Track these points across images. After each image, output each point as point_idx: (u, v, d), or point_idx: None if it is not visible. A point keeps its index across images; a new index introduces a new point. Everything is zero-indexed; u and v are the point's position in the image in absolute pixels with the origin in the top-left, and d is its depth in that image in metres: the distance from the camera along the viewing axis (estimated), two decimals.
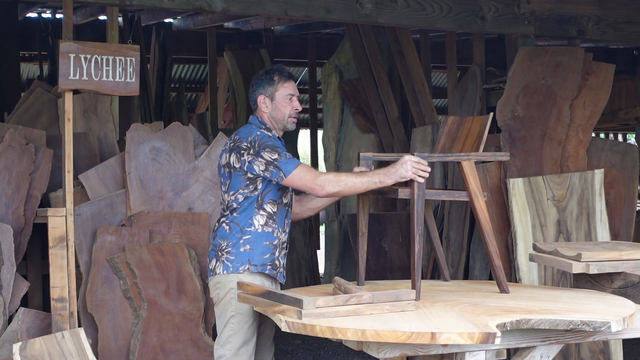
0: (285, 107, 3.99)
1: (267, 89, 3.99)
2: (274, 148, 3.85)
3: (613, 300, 3.72)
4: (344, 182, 3.76)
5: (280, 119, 4.00)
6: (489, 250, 3.84)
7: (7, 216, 5.22)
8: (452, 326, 3.15)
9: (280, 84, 3.99)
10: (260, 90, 4.00)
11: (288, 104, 3.99)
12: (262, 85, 4.00)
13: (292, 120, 4.02)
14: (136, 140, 5.52)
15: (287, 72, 4.06)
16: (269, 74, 4.02)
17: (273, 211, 3.92)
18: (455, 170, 6.78)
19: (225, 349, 3.87)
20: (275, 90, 3.98)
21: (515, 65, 6.00)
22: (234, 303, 3.85)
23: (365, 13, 5.61)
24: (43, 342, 4.62)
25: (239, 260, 3.88)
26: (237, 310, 3.86)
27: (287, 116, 4.00)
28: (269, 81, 4.00)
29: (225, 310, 3.89)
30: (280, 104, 3.99)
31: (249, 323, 3.88)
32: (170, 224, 5.50)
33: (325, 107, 8.83)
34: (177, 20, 9.92)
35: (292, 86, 4.02)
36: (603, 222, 5.97)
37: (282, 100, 3.98)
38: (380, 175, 3.74)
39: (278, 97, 3.98)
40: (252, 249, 3.88)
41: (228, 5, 5.27)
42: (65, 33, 5.03)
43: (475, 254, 6.48)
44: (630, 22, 6.48)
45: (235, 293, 3.82)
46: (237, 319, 3.87)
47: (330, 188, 3.76)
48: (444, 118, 4.23)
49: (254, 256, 3.88)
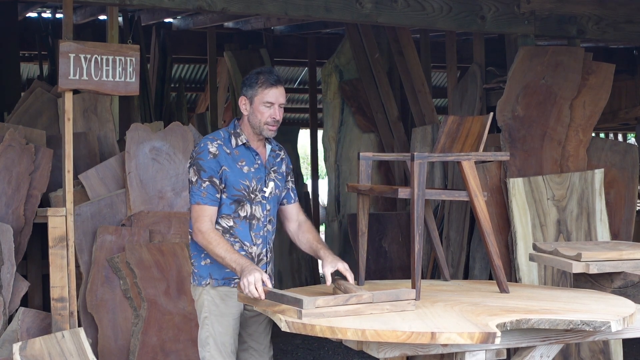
0: (261, 113, 3.85)
1: (249, 92, 3.88)
2: (199, 170, 3.81)
3: (613, 300, 3.72)
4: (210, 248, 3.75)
5: (257, 124, 3.87)
6: (489, 250, 3.84)
7: (7, 216, 5.22)
8: (452, 326, 3.15)
9: (261, 89, 3.84)
10: (243, 91, 3.90)
11: (265, 110, 3.84)
12: (246, 86, 3.90)
13: (269, 128, 3.87)
14: (136, 140, 5.52)
15: (275, 77, 3.88)
16: (257, 76, 3.89)
17: (229, 225, 3.87)
18: (455, 170, 6.78)
19: (205, 351, 3.88)
20: (254, 95, 3.84)
21: (515, 65, 6.00)
22: (206, 304, 3.88)
23: (365, 13, 5.61)
24: (43, 341, 4.62)
25: (201, 273, 3.91)
26: (210, 311, 3.88)
27: (263, 123, 3.85)
28: (252, 84, 3.87)
29: (200, 311, 3.92)
30: (257, 110, 3.85)
31: (224, 325, 3.88)
32: (170, 223, 5.50)
33: (325, 107, 8.83)
34: (177, 20, 9.92)
35: (274, 94, 3.85)
36: (603, 221, 5.97)
37: (259, 106, 3.85)
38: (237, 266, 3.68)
39: (256, 102, 3.84)
40: (212, 262, 3.88)
41: (228, 5, 5.26)
42: (65, 33, 5.03)
43: (475, 254, 6.48)
44: (630, 22, 6.48)
45: (207, 294, 3.87)
46: (210, 320, 3.88)
47: (198, 241, 3.81)
48: (444, 118, 4.23)
49: (214, 270, 3.88)
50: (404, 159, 4.19)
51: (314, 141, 10.91)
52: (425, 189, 3.70)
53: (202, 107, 12.86)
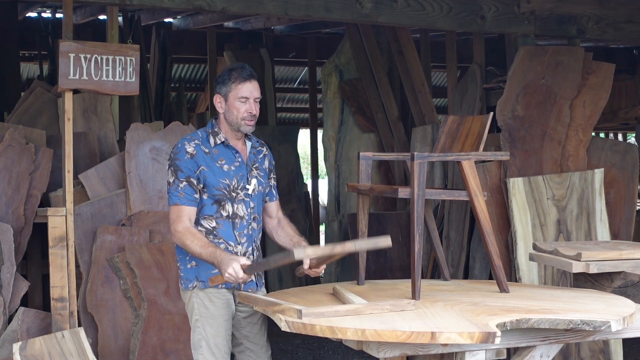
0: (237, 109, 3.83)
1: (222, 89, 3.88)
2: (176, 170, 3.81)
3: (613, 299, 3.72)
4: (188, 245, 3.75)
5: (233, 121, 3.87)
6: (489, 249, 3.84)
7: (7, 216, 5.22)
8: (452, 326, 3.15)
9: (234, 84, 3.84)
10: (217, 89, 3.90)
11: (241, 106, 3.84)
12: (219, 84, 3.90)
13: (247, 123, 3.86)
14: (136, 140, 5.52)
15: (248, 72, 3.87)
16: (229, 73, 3.89)
17: (212, 226, 3.87)
18: (455, 170, 6.78)
19: (198, 354, 3.87)
20: (229, 91, 3.85)
21: (515, 65, 6.00)
22: (195, 307, 3.88)
23: (365, 13, 5.61)
24: (43, 341, 4.62)
25: (187, 276, 3.90)
26: (200, 313, 3.87)
27: (240, 119, 3.85)
28: (225, 81, 3.87)
29: (191, 314, 3.91)
30: (232, 106, 3.84)
31: (214, 327, 3.87)
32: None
33: (325, 107, 8.83)
34: (177, 20, 9.92)
35: (247, 88, 3.85)
36: (603, 221, 5.97)
37: (234, 102, 3.84)
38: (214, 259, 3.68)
39: (231, 98, 3.84)
40: (197, 265, 3.87)
41: (228, 5, 5.26)
42: (65, 33, 5.03)
43: (475, 254, 6.48)
44: (630, 22, 6.48)
45: (196, 297, 3.87)
46: (201, 322, 3.87)
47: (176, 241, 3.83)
48: (444, 118, 4.23)
49: (200, 272, 3.87)
50: (404, 159, 4.19)
51: (314, 141, 10.91)
52: (425, 189, 3.70)
53: (202, 107, 12.86)
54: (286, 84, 13.71)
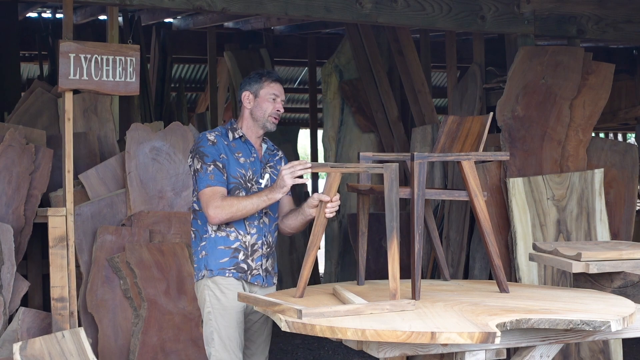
0: (267, 105, 4.02)
1: (253, 86, 4.05)
2: (202, 156, 3.91)
3: (613, 299, 3.72)
4: (235, 207, 3.83)
5: (261, 116, 4.02)
6: (489, 249, 3.84)
7: (7, 216, 5.23)
8: (452, 326, 3.15)
9: (266, 82, 4.04)
10: (247, 87, 4.07)
11: (270, 103, 4.03)
12: (249, 83, 4.07)
13: (273, 120, 4.04)
14: (136, 140, 5.52)
15: (276, 75, 4.11)
16: (259, 74, 4.10)
17: None
18: (455, 170, 6.78)
19: (210, 347, 3.92)
20: (260, 88, 4.03)
21: (515, 65, 6.00)
22: (207, 299, 3.93)
23: (365, 13, 5.61)
24: (43, 341, 4.62)
25: (199, 266, 3.98)
26: (212, 305, 3.92)
27: (268, 115, 4.02)
28: (256, 79, 4.06)
29: (203, 308, 3.97)
30: (262, 102, 4.02)
31: (226, 317, 3.91)
32: (170, 223, 5.51)
33: (325, 107, 8.83)
34: (177, 20, 9.92)
35: (278, 88, 4.06)
36: (603, 221, 5.97)
37: (265, 98, 4.02)
38: (267, 191, 3.84)
39: (262, 94, 4.02)
40: (207, 254, 3.95)
41: (228, 5, 5.27)
42: (65, 33, 5.03)
43: (475, 254, 6.48)
44: (630, 22, 6.48)
45: (207, 288, 3.92)
46: (213, 314, 3.91)
47: (221, 214, 3.84)
48: (443, 118, 4.23)
49: (209, 261, 3.94)
50: (404, 159, 4.19)
51: (314, 141, 10.91)
52: (425, 189, 3.70)
53: (202, 107, 12.86)
54: (286, 84, 13.71)
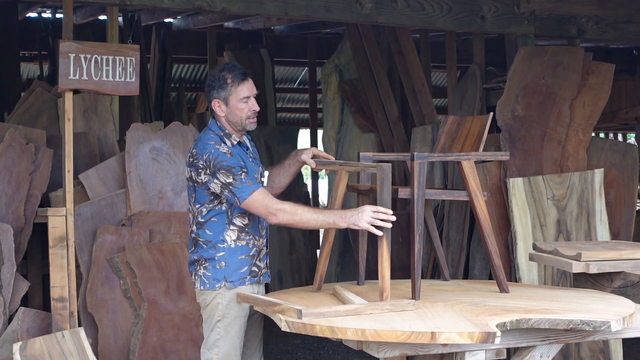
0: (241, 110, 3.85)
1: (221, 93, 3.85)
2: (229, 169, 3.72)
3: (613, 299, 3.72)
4: (299, 217, 3.70)
5: (237, 122, 3.87)
6: (489, 250, 3.84)
7: (7, 216, 5.23)
8: (452, 326, 3.16)
9: (233, 87, 3.84)
10: (214, 94, 3.86)
11: (244, 107, 3.85)
12: (215, 89, 3.86)
13: (251, 121, 3.88)
14: (136, 140, 5.52)
15: (241, 71, 3.87)
16: (222, 76, 3.85)
17: (244, 223, 3.85)
18: (455, 170, 6.78)
19: (213, 353, 3.84)
20: (229, 95, 3.84)
21: (515, 65, 6.01)
22: (220, 308, 3.83)
23: (365, 13, 5.61)
24: (43, 341, 4.62)
25: (215, 277, 3.84)
26: (223, 315, 3.84)
27: (245, 118, 3.87)
28: (222, 85, 3.84)
29: (212, 315, 3.86)
30: (235, 108, 3.85)
31: (235, 328, 3.85)
32: (170, 223, 5.50)
33: (325, 107, 8.82)
34: (177, 20, 9.92)
35: (246, 88, 3.85)
36: (603, 221, 5.97)
37: (236, 104, 3.85)
38: (336, 216, 3.69)
39: (232, 101, 3.84)
40: (228, 265, 3.83)
41: (228, 5, 5.26)
42: (65, 33, 5.03)
43: (475, 254, 6.48)
44: (630, 22, 6.48)
45: (222, 298, 3.83)
46: (223, 323, 3.84)
47: (283, 218, 3.71)
48: (443, 118, 4.23)
49: (230, 273, 3.83)
50: (404, 159, 4.19)
51: (314, 141, 10.91)
52: (425, 189, 3.70)
53: (202, 107, 12.86)
54: (286, 84, 13.71)
